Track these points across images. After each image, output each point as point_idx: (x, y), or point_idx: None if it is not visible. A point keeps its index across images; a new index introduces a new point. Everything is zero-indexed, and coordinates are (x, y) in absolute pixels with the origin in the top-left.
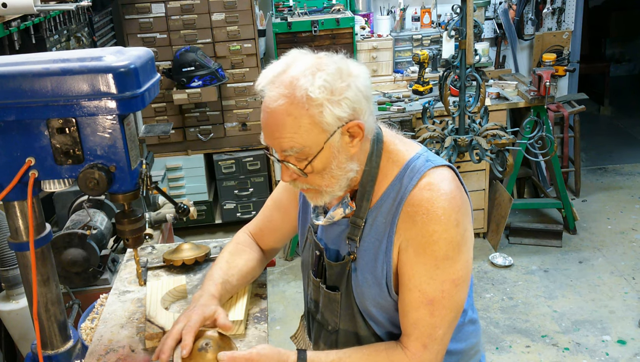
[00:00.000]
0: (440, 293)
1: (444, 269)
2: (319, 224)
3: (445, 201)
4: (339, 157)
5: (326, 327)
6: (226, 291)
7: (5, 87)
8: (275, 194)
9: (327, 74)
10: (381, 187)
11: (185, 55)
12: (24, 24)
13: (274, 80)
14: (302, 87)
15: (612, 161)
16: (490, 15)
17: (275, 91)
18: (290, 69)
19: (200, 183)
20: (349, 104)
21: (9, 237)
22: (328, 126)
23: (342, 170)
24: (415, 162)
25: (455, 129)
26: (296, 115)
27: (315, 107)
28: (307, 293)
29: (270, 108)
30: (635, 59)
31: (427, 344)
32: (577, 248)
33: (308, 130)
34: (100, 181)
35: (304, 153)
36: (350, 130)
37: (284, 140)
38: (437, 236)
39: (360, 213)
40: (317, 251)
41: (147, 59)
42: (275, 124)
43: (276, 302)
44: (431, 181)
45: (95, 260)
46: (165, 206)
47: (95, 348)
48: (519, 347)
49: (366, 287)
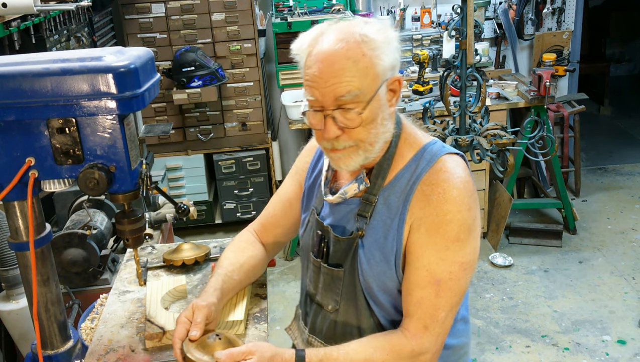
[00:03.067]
0: (448, 274)
1: (454, 251)
2: (330, 202)
3: (460, 184)
4: (384, 111)
5: (326, 307)
6: (228, 288)
7: (5, 87)
8: (281, 188)
9: (376, 25)
10: (396, 166)
11: (185, 55)
12: (24, 24)
13: (321, 38)
14: (359, 33)
15: (612, 161)
16: (490, 15)
17: (332, 38)
18: (333, 29)
19: (200, 183)
20: (397, 56)
21: (9, 237)
22: (383, 71)
23: (385, 127)
24: (432, 147)
25: (456, 129)
26: (355, 58)
27: (373, 50)
28: (305, 277)
29: (327, 52)
30: (635, 59)
31: (428, 326)
32: (577, 248)
33: (365, 74)
34: (100, 181)
35: (358, 99)
36: (391, 86)
37: (341, 85)
38: (451, 216)
39: (374, 190)
40: (318, 231)
41: (147, 59)
42: (332, 70)
43: (276, 302)
44: (447, 165)
45: (95, 260)
46: (165, 206)
47: (95, 348)
48: (519, 347)
49: (374, 264)
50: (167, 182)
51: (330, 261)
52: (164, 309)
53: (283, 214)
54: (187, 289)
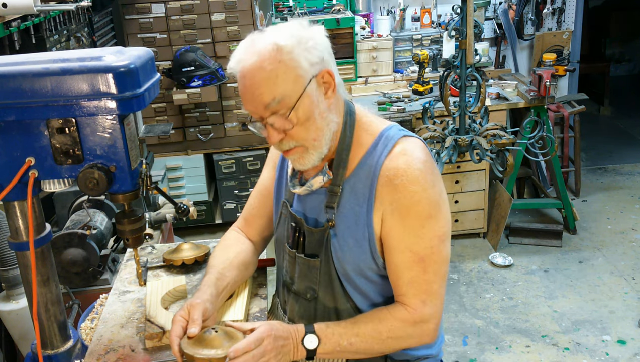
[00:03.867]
0: (429, 250)
1: (430, 227)
2: (297, 193)
3: (420, 163)
4: (320, 106)
5: (304, 295)
6: (222, 285)
7: (5, 87)
8: (259, 180)
9: (290, 27)
10: (357, 155)
11: (185, 55)
12: (24, 24)
13: (240, 57)
14: (270, 42)
15: (612, 161)
16: (490, 15)
17: (246, 56)
18: (255, 43)
19: (200, 183)
20: (317, 53)
21: (9, 237)
22: (304, 72)
23: (325, 120)
24: (389, 132)
25: (455, 129)
26: (271, 67)
27: (287, 54)
28: (282, 267)
29: (245, 70)
30: (635, 59)
31: (425, 300)
32: (577, 248)
33: (285, 78)
34: (100, 181)
35: (285, 103)
36: (323, 79)
37: (264, 95)
38: (419, 196)
39: (337, 181)
40: (292, 223)
41: (147, 59)
42: (252, 83)
43: None
44: (405, 147)
45: (95, 260)
46: (165, 206)
47: (95, 348)
48: (519, 347)
49: (347, 251)
50: (167, 182)
51: (307, 251)
52: (164, 309)
53: (262, 203)
54: (187, 289)
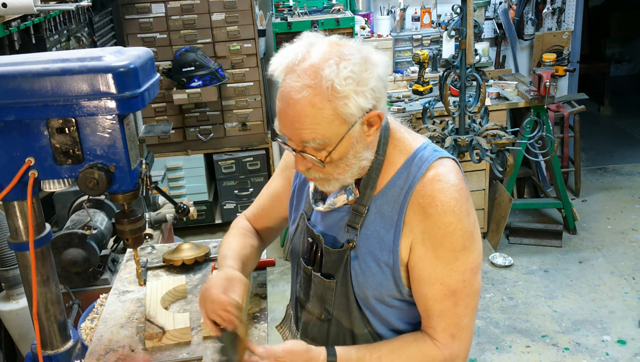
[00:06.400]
0: (461, 283)
1: (463, 260)
2: (319, 211)
3: (456, 191)
4: (357, 146)
5: (318, 316)
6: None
7: (5, 87)
8: (270, 182)
9: (353, 64)
10: (387, 175)
11: (185, 55)
12: (24, 24)
13: (294, 68)
14: (327, 78)
15: (612, 161)
16: (490, 15)
17: (299, 82)
18: (310, 56)
19: (200, 183)
20: (372, 95)
21: (9, 237)
22: (351, 117)
23: (358, 159)
24: (423, 152)
25: (455, 129)
26: (320, 106)
27: (340, 99)
28: (295, 282)
29: (293, 99)
30: (635, 59)
31: (455, 334)
32: (577, 248)
33: (330, 121)
34: (100, 180)
35: (324, 145)
36: (370, 119)
37: (305, 132)
38: (453, 227)
39: (363, 200)
40: (309, 238)
41: (147, 59)
42: (297, 115)
43: (276, 302)
44: (440, 171)
45: (95, 260)
46: (165, 206)
47: (95, 348)
48: (519, 347)
49: (370, 276)
50: (167, 182)
51: (323, 270)
52: (164, 309)
53: (273, 208)
54: (187, 289)
